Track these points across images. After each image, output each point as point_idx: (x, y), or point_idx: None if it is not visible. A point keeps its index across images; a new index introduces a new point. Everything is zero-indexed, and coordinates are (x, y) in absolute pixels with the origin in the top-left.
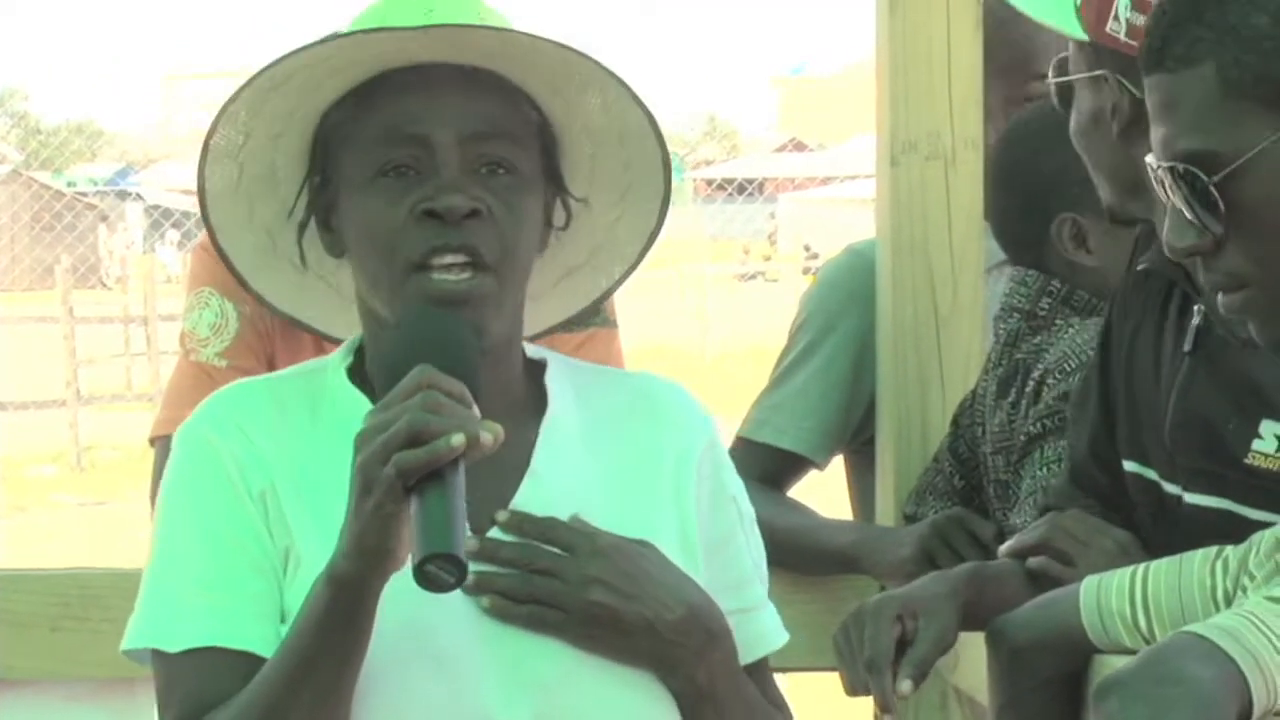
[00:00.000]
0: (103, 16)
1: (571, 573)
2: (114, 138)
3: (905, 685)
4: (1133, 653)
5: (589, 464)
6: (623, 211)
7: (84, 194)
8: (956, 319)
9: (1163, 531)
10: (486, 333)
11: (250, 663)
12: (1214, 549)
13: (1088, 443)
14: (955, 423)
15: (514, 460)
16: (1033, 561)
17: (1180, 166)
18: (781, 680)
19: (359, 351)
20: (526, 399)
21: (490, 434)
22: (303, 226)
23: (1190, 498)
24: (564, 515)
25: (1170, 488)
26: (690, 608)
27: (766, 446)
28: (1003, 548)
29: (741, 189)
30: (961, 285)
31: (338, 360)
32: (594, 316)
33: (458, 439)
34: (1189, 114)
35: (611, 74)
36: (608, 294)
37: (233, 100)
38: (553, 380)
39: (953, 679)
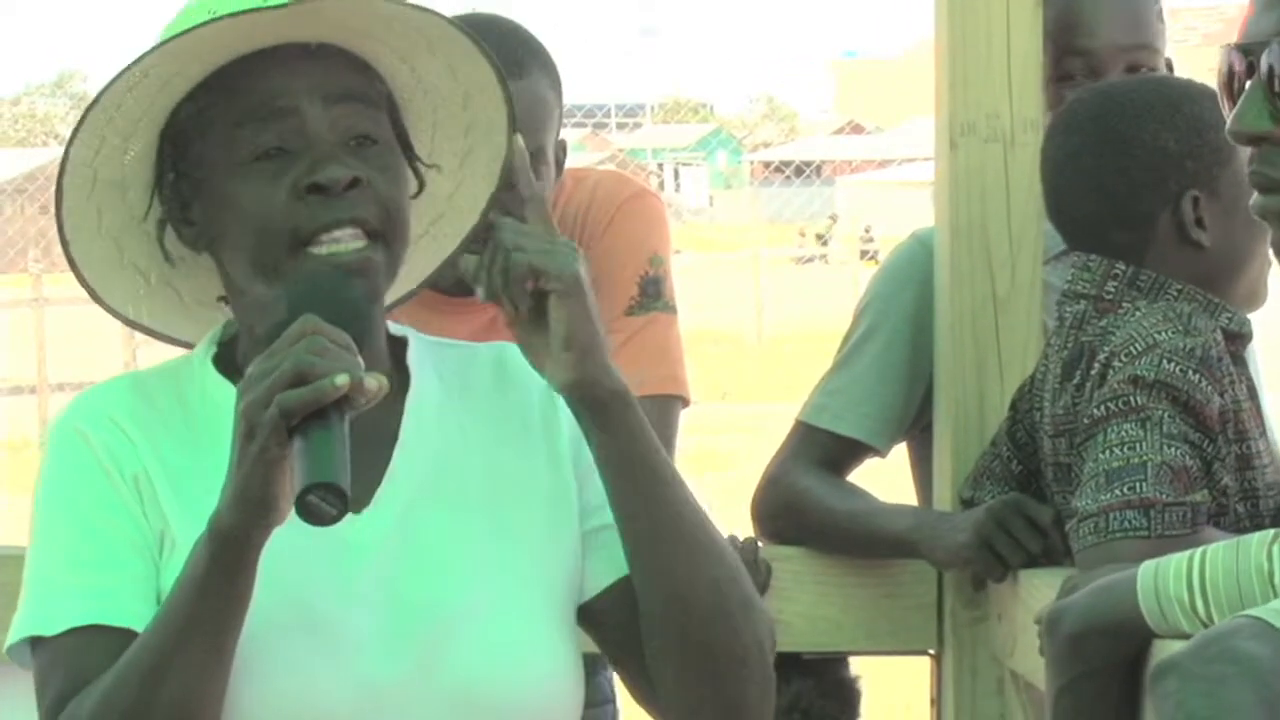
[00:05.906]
0: None
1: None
2: None
3: None
4: (1190, 637)
5: (455, 432)
6: (461, 179)
7: None
8: (1015, 302)
9: None
10: (379, 299)
11: (131, 640)
12: (1270, 532)
13: None
14: (1013, 407)
15: (383, 434)
16: None
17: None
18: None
19: (222, 344)
20: (392, 375)
21: (375, 381)
22: (162, 224)
23: None
24: (435, 480)
25: None
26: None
27: (826, 432)
28: None
29: (799, 171)
30: (1020, 268)
31: (202, 352)
32: (655, 301)
33: (342, 379)
34: None
35: (461, 29)
36: (449, 261)
37: (94, 105)
38: (415, 358)
39: (1010, 664)
